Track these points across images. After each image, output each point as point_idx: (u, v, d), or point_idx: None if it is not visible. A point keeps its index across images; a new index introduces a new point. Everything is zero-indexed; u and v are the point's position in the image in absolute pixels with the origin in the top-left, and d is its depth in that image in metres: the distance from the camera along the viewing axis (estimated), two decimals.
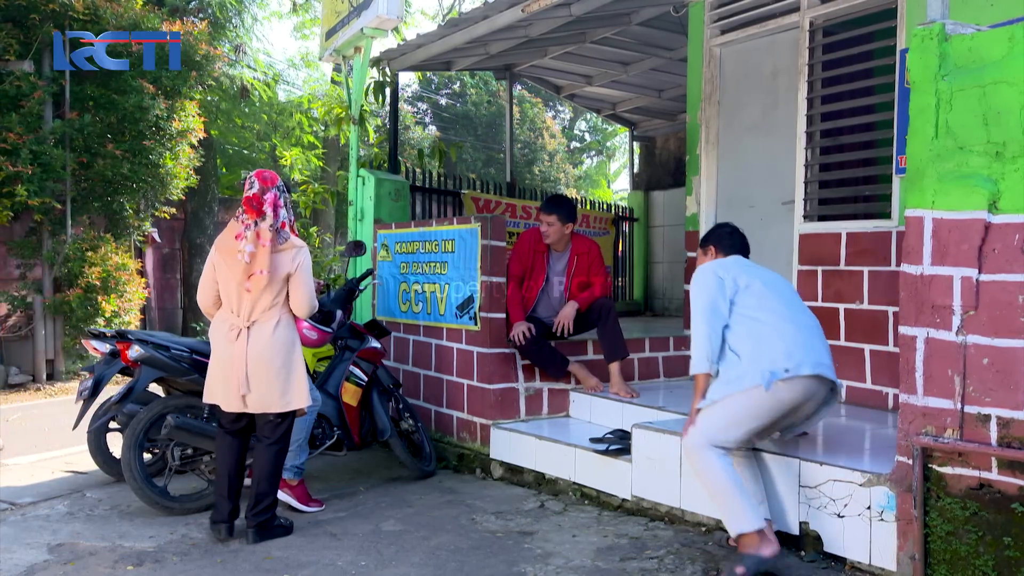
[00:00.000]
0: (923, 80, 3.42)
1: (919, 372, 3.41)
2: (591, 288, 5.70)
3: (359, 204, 7.31)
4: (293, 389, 4.29)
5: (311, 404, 4.61)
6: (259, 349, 4.19)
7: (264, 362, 4.19)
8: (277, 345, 4.23)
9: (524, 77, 10.42)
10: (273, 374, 4.21)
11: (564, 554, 4.07)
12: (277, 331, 4.23)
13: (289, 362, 4.27)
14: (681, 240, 7.32)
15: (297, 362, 4.32)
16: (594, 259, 5.81)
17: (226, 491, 4.36)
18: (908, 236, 3.46)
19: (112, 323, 10.11)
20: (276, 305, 4.25)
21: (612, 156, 29.73)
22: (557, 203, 5.81)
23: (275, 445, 4.36)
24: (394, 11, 6.49)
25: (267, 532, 4.37)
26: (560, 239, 5.75)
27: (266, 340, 4.20)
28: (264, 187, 4.22)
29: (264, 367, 4.19)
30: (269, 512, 4.38)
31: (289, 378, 4.27)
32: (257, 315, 4.22)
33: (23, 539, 4.42)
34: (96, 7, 10.29)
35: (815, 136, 5.71)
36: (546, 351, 5.66)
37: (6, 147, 9.40)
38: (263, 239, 4.17)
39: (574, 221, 5.78)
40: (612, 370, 5.61)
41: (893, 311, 5.08)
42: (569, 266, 5.81)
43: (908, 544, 3.44)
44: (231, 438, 4.40)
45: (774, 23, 5.98)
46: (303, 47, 28.79)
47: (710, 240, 4.41)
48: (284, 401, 4.28)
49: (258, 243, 4.16)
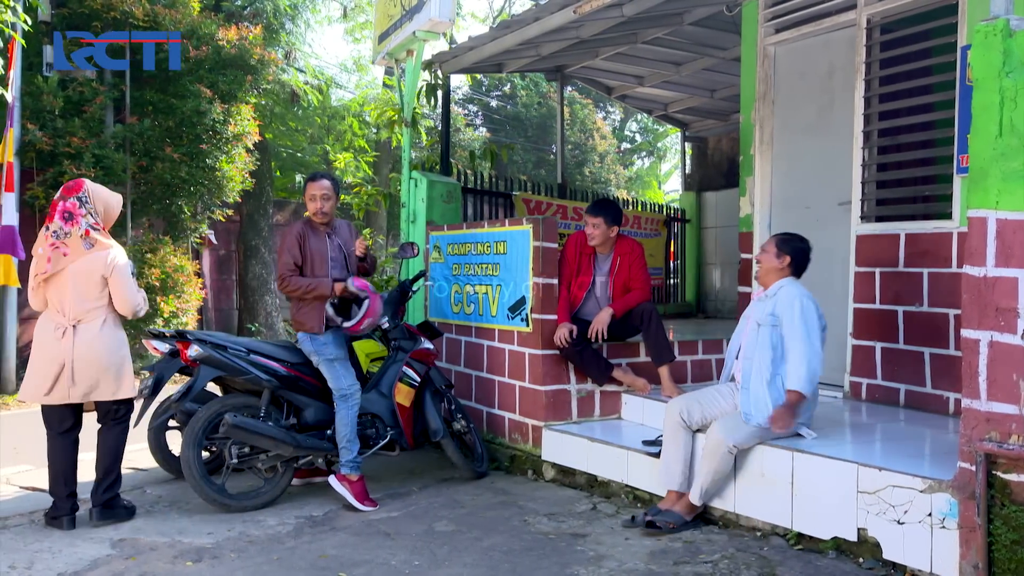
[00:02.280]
0: (986, 77, 3.35)
1: (982, 376, 3.34)
2: (630, 294, 5.68)
3: (411, 206, 7.36)
4: (124, 382, 4.62)
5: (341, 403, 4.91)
6: (84, 348, 4.50)
7: (91, 360, 4.51)
8: (105, 344, 4.56)
9: (575, 78, 10.40)
10: (101, 371, 4.53)
11: (617, 557, 4.06)
12: (104, 330, 4.56)
13: (119, 357, 4.61)
14: (734, 241, 7.24)
15: (126, 356, 4.65)
16: (635, 260, 5.76)
17: (63, 490, 4.65)
18: (971, 237, 3.39)
19: (170, 323, 10.30)
20: (100, 306, 4.57)
21: (663, 157, 29.51)
22: (603, 206, 5.81)
23: (122, 430, 4.73)
24: (446, 14, 6.52)
25: (111, 512, 4.68)
26: (605, 241, 5.73)
27: (91, 339, 4.52)
28: (62, 195, 4.62)
29: (92, 365, 4.51)
30: (114, 489, 4.70)
31: (119, 372, 4.60)
32: (81, 315, 4.52)
33: (87, 534, 4.53)
34: (155, 14, 10.54)
35: (872, 135, 5.62)
36: (588, 356, 5.63)
37: (70, 151, 9.66)
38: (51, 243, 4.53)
39: (619, 223, 5.77)
40: (662, 374, 5.59)
41: (954, 314, 4.97)
42: (612, 267, 5.79)
43: (971, 553, 3.36)
44: (61, 440, 4.68)
45: (830, 21, 5.89)
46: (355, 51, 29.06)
47: (791, 252, 4.49)
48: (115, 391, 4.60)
49: (45, 247, 4.54)
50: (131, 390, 4.69)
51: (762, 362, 4.33)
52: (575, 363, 5.67)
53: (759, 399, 4.29)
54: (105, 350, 4.56)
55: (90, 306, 4.55)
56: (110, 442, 4.72)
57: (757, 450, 4.28)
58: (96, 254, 4.56)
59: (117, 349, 4.62)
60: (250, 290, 14.88)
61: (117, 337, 4.65)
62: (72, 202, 4.58)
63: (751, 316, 4.57)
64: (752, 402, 4.30)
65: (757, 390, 4.31)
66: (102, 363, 4.54)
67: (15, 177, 9.33)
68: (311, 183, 5.19)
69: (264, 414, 4.97)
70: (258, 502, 4.95)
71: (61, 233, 4.53)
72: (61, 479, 4.66)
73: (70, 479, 4.69)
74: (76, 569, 4.00)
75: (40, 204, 9.97)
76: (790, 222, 6.21)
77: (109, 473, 4.70)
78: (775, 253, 4.50)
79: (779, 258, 4.48)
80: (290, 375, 5.08)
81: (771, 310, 4.39)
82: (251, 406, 4.99)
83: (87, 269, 4.53)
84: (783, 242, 4.53)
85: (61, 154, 9.70)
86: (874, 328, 5.48)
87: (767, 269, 4.54)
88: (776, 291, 4.45)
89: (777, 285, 4.47)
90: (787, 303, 4.33)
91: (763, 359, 4.33)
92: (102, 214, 4.68)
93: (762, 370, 4.32)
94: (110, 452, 4.71)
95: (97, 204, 4.66)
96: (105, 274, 4.56)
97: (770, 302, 4.44)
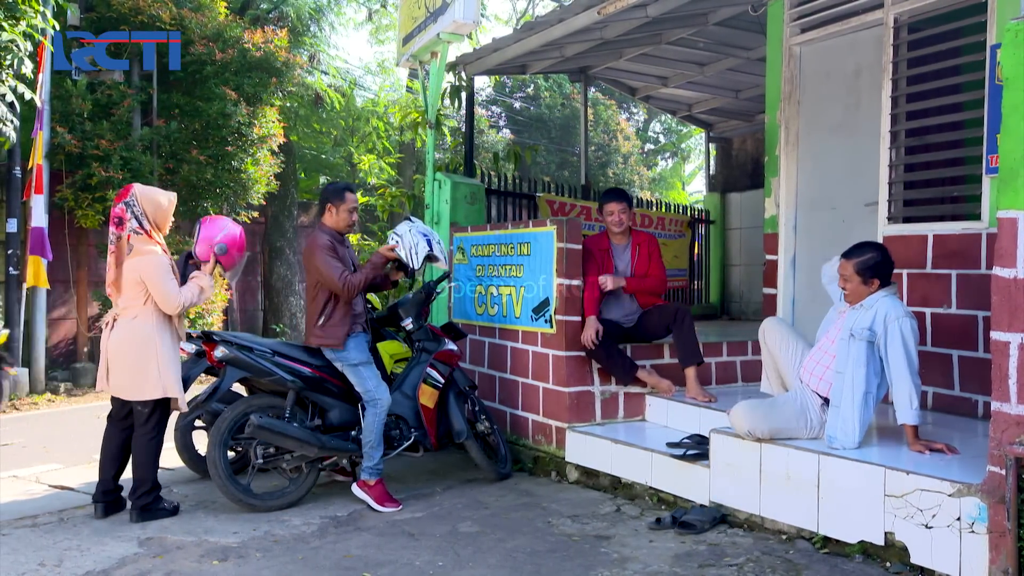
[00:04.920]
0: (1017, 76, 3.31)
1: (1012, 379, 3.30)
2: (647, 279, 5.86)
3: (436, 207, 7.37)
4: (147, 384, 4.69)
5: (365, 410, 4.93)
6: (116, 341, 4.73)
7: (118, 355, 4.71)
8: (130, 339, 4.70)
9: (599, 79, 10.38)
10: (125, 368, 4.69)
11: (641, 559, 4.04)
12: (133, 325, 4.71)
13: (144, 356, 4.69)
14: (759, 242, 7.19)
15: (151, 356, 4.70)
16: (654, 249, 5.97)
17: (105, 475, 4.87)
18: (1001, 238, 3.35)
19: (196, 324, 10.39)
20: (135, 305, 4.73)
21: (687, 158, 29.38)
22: (618, 192, 6.02)
23: (146, 435, 4.77)
24: (470, 16, 6.53)
25: (148, 514, 4.78)
26: (624, 230, 5.86)
27: (122, 333, 4.73)
28: (114, 201, 4.84)
29: (118, 360, 4.71)
30: (149, 496, 4.79)
31: (143, 372, 4.68)
32: (119, 311, 4.79)
33: (115, 532, 4.58)
34: (182, 17, 10.65)
35: (900, 136, 5.56)
36: (614, 355, 5.63)
37: (98, 153, 9.78)
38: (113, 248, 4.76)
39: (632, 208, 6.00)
40: (688, 375, 5.56)
41: (983, 315, 4.91)
42: (632, 255, 5.90)
43: (1001, 558, 3.32)
44: (111, 427, 4.91)
45: (857, 20, 5.84)
46: (379, 53, 29.17)
47: (876, 275, 4.23)
48: (136, 390, 4.70)
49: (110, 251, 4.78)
50: (156, 391, 4.71)
51: (856, 378, 4.16)
52: (599, 361, 5.66)
53: (848, 424, 4.14)
54: (128, 347, 4.70)
55: (128, 304, 4.74)
56: (138, 449, 4.79)
57: (783, 452, 4.25)
58: (135, 259, 4.70)
59: (141, 347, 4.69)
60: (275, 291, 14.97)
61: (143, 335, 4.71)
62: (120, 207, 4.75)
63: (844, 324, 4.32)
64: (840, 426, 4.17)
65: (847, 412, 4.16)
66: (126, 360, 4.69)
67: (44, 180, 9.47)
68: (349, 194, 5.21)
69: (289, 415, 5.00)
70: (283, 502, 4.98)
71: (113, 238, 4.75)
72: (104, 465, 4.88)
73: (109, 468, 4.87)
74: (104, 567, 4.04)
75: (69, 206, 10.11)
76: (816, 223, 6.17)
77: (143, 481, 4.77)
78: (860, 280, 4.25)
79: (868, 284, 4.24)
80: (315, 376, 5.10)
81: (869, 324, 4.17)
82: (276, 407, 5.02)
83: (128, 271, 4.70)
84: (864, 266, 4.23)
85: (90, 156, 9.82)
86: None
87: (856, 294, 4.30)
88: (874, 304, 4.22)
89: (876, 296, 4.24)
90: (888, 322, 4.12)
91: (857, 376, 4.16)
92: (151, 215, 4.81)
93: (856, 388, 4.15)
94: (139, 460, 4.78)
95: (146, 206, 4.79)
96: (139, 277, 4.68)
97: (867, 314, 4.21)
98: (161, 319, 4.77)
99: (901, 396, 4.06)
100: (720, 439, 4.58)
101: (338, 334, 5.02)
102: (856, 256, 4.28)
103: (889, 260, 4.29)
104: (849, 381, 4.17)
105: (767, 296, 6.51)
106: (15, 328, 9.66)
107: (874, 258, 4.24)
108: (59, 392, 9.90)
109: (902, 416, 4.08)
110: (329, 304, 5.03)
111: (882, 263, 4.25)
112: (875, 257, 4.25)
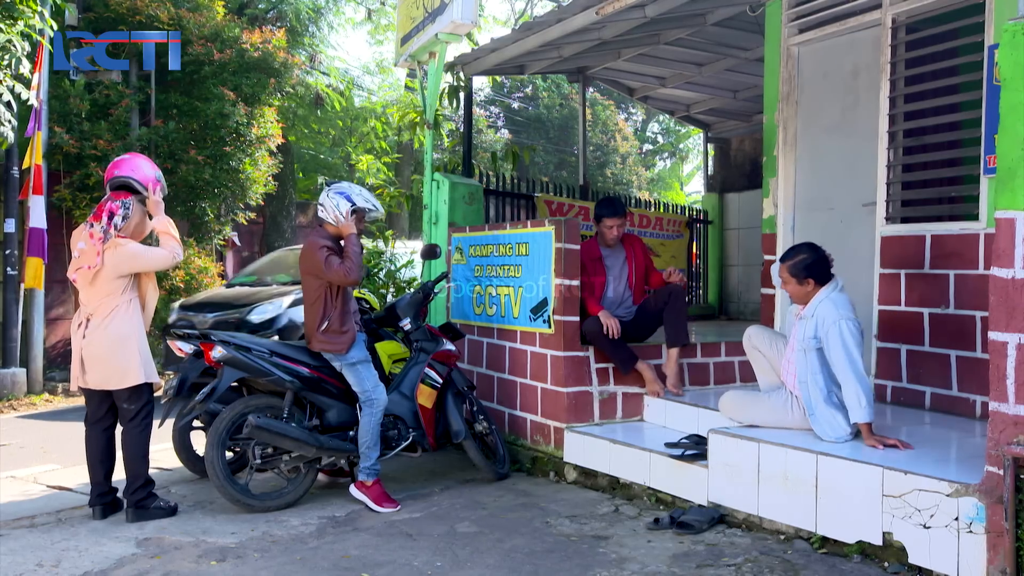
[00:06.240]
0: (1015, 77, 3.31)
1: (1010, 379, 3.30)
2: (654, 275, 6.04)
3: (434, 208, 7.37)
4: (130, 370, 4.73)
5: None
6: (95, 342, 4.72)
7: (99, 351, 4.71)
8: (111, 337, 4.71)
9: (597, 79, 10.38)
10: (107, 361, 4.71)
11: (639, 559, 4.04)
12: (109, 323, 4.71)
13: (125, 349, 4.72)
14: (757, 243, 7.20)
15: (132, 348, 4.74)
16: (645, 249, 6.19)
17: (95, 478, 4.87)
18: (999, 238, 3.35)
19: None
20: (111, 300, 4.73)
21: (685, 158, 29.44)
22: (617, 207, 6.08)
23: (136, 428, 4.80)
24: (468, 16, 6.53)
25: (145, 512, 4.79)
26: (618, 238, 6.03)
27: (100, 333, 4.71)
28: (110, 197, 4.84)
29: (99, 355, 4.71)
30: (144, 492, 4.80)
31: (126, 361, 4.71)
32: (91, 309, 4.75)
33: (112, 532, 4.58)
34: (180, 17, 10.65)
35: (898, 136, 5.56)
36: (618, 344, 5.66)
37: (96, 153, 9.78)
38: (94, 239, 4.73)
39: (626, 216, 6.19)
40: (671, 355, 5.74)
41: (981, 316, 4.91)
42: (629, 258, 6.03)
43: (999, 558, 3.32)
44: (91, 431, 4.89)
45: (855, 21, 5.85)
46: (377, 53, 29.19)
47: (810, 274, 4.39)
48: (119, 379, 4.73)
49: (89, 242, 4.73)
50: (139, 377, 4.75)
51: (816, 384, 4.36)
52: (603, 348, 5.67)
53: (829, 421, 4.32)
54: (111, 343, 4.71)
55: (103, 299, 4.74)
56: (128, 445, 4.82)
57: (780, 452, 4.26)
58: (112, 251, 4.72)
59: (122, 342, 4.72)
60: None
61: (124, 331, 4.74)
62: (116, 205, 4.79)
63: (796, 336, 4.49)
64: (825, 425, 4.33)
65: (823, 413, 4.33)
66: (107, 356, 4.71)
67: (43, 180, 9.46)
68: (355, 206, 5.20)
69: (287, 415, 5.00)
70: (281, 502, 4.98)
71: (99, 229, 4.74)
72: (92, 469, 4.88)
73: (98, 470, 4.87)
74: (102, 567, 4.04)
75: (67, 206, 10.11)
76: (814, 223, 6.17)
77: (136, 477, 4.80)
78: (796, 282, 4.43)
79: (802, 284, 4.41)
80: (313, 376, 5.10)
81: (812, 333, 4.35)
82: (274, 407, 5.02)
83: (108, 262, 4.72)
84: (797, 268, 4.40)
85: (87, 156, 9.82)
86: (899, 330, 5.43)
87: (798, 295, 4.49)
88: (814, 310, 4.37)
89: (816, 301, 4.39)
90: (827, 326, 4.27)
91: (816, 382, 4.36)
92: (133, 228, 4.85)
93: (819, 391, 4.35)
94: (130, 455, 4.80)
95: (135, 219, 4.85)
96: (122, 266, 4.73)
97: (811, 323, 4.37)
98: (137, 313, 4.83)
99: (849, 397, 4.22)
100: (718, 439, 4.58)
101: (339, 342, 5.01)
102: (789, 259, 4.47)
103: (823, 258, 4.43)
104: (811, 388, 4.38)
105: (765, 296, 6.51)
106: (13, 328, 9.66)
107: (805, 259, 4.40)
108: (57, 392, 9.90)
109: (853, 416, 4.23)
110: (328, 306, 5.02)
111: (814, 263, 4.40)
112: (806, 258, 4.41)
